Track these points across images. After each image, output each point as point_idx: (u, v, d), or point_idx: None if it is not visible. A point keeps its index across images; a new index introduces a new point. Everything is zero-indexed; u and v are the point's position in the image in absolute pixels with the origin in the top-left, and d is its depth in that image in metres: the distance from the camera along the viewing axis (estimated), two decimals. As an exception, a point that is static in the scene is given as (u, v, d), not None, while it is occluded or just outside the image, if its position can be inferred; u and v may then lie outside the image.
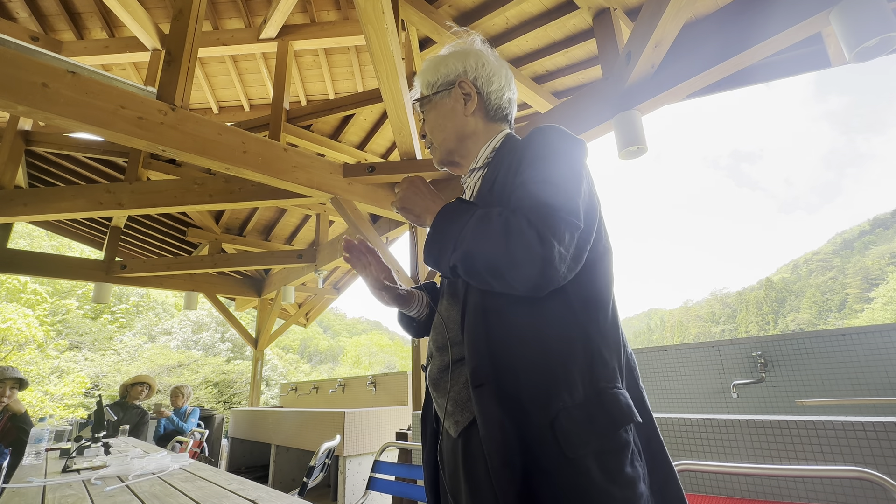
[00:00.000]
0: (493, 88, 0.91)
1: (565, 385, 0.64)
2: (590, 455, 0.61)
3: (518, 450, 0.62)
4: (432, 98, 0.92)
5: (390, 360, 33.17)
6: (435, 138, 0.93)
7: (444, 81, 0.91)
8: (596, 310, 0.70)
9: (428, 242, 0.75)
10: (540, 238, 0.63)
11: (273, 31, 3.42)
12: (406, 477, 2.07)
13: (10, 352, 11.92)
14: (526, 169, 0.73)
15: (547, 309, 0.68)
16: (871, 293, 60.11)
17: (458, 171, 0.95)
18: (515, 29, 3.08)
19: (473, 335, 0.71)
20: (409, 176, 0.86)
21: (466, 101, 0.89)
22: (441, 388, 0.77)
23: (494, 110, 0.91)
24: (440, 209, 0.76)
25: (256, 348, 6.25)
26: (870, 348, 1.84)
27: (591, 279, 0.71)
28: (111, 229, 4.98)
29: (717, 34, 1.92)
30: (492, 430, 0.64)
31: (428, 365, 0.84)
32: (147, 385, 4.27)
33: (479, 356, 0.69)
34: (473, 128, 0.90)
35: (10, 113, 2.93)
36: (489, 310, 0.70)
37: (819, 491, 1.22)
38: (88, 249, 9.22)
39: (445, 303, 0.83)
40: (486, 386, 0.66)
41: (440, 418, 0.79)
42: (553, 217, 0.65)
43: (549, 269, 0.63)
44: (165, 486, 1.54)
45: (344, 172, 3.12)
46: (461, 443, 0.72)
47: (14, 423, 2.95)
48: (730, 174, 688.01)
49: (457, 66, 0.91)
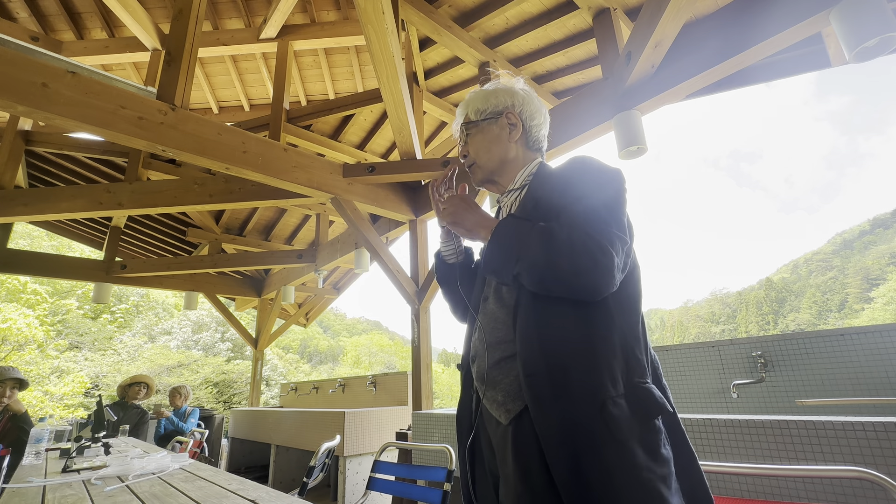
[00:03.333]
0: (534, 122, 1.04)
1: (609, 378, 0.73)
2: (634, 438, 0.70)
3: (570, 432, 0.70)
4: (479, 123, 1.03)
5: (390, 360, 33.16)
6: (479, 159, 1.03)
7: (492, 111, 1.03)
8: (630, 314, 0.80)
9: (488, 253, 0.84)
10: (602, 250, 0.73)
11: (273, 31, 3.42)
12: (406, 477, 2.07)
13: (10, 352, 11.90)
14: (576, 188, 0.84)
15: (591, 312, 0.77)
16: (872, 293, 60.10)
17: (494, 189, 1.07)
18: (515, 29, 3.08)
19: (525, 333, 0.80)
20: (454, 195, 0.97)
21: (511, 130, 1.02)
22: (491, 381, 0.86)
23: (533, 141, 1.04)
24: (497, 224, 0.86)
25: (256, 348, 6.25)
26: (870, 348, 1.84)
27: (626, 287, 0.80)
28: (111, 229, 4.98)
29: (717, 34, 1.92)
30: (547, 415, 0.73)
31: (473, 363, 0.93)
32: (145, 385, 4.27)
33: (530, 351, 0.78)
34: (514, 154, 1.02)
35: (10, 113, 2.93)
36: (540, 311, 0.79)
37: (819, 491, 1.22)
38: (88, 249, 9.23)
39: (493, 305, 0.91)
40: (538, 376, 0.75)
41: (481, 412, 0.90)
42: (609, 233, 0.75)
43: (608, 277, 0.73)
44: (165, 486, 1.54)
45: (344, 172, 3.12)
46: (511, 429, 0.80)
47: (14, 423, 2.95)
48: (730, 174, 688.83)
49: (506, 99, 1.03)
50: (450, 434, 2.47)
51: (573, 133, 2.43)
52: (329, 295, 6.95)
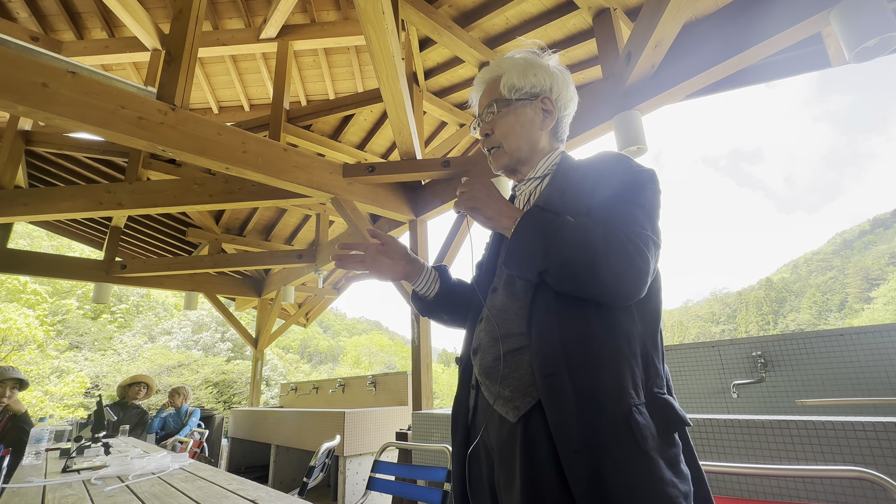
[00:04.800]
0: (566, 112, 0.95)
1: (632, 384, 0.69)
2: (657, 450, 0.66)
3: (591, 438, 0.65)
4: (513, 102, 0.92)
5: (390, 360, 33.14)
6: (508, 143, 0.93)
7: (530, 91, 0.92)
8: (651, 321, 0.76)
9: (513, 247, 0.77)
10: (639, 253, 0.69)
11: (273, 31, 3.42)
12: (406, 477, 2.07)
13: (10, 352, 11.90)
14: (612, 186, 0.78)
15: (616, 315, 0.73)
16: (872, 293, 60.08)
17: (513, 177, 0.98)
18: (515, 29, 3.08)
19: (544, 330, 0.74)
20: (476, 180, 0.86)
21: (545, 117, 0.93)
22: (496, 376, 0.79)
23: (561, 131, 0.96)
24: (523, 215, 0.78)
25: (256, 348, 6.25)
26: (870, 348, 1.84)
27: (651, 294, 0.76)
28: (111, 229, 4.98)
29: (717, 34, 1.92)
30: (566, 417, 0.67)
31: (475, 356, 0.85)
32: (145, 384, 4.27)
33: (550, 348, 0.72)
34: (544, 142, 0.94)
35: (10, 113, 2.92)
36: (563, 310, 0.74)
37: (819, 491, 1.22)
38: (88, 249, 9.22)
39: (502, 296, 0.85)
40: (558, 376, 0.70)
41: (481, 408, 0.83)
42: (646, 236, 0.72)
43: (642, 281, 0.70)
44: (165, 486, 1.54)
45: (344, 172, 3.12)
46: (521, 428, 0.73)
47: (14, 423, 2.95)
48: (730, 174, 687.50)
49: (546, 80, 0.92)
50: (450, 434, 2.47)
51: (573, 133, 2.43)
52: (329, 295, 6.95)
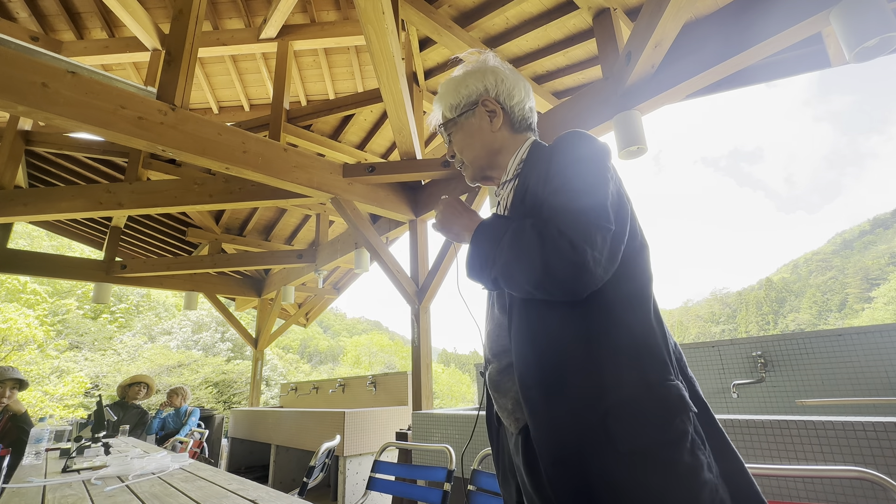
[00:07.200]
0: (514, 102, 0.94)
1: (612, 382, 0.66)
2: (645, 448, 0.63)
3: (570, 447, 0.65)
4: (457, 120, 0.95)
5: (390, 360, 33.13)
6: (466, 157, 0.96)
7: (466, 102, 0.94)
8: (639, 305, 0.72)
9: (469, 258, 0.79)
10: (572, 245, 0.66)
11: (273, 31, 3.42)
12: (406, 477, 2.07)
13: (10, 352, 11.90)
14: (554, 178, 0.76)
15: (587, 311, 0.71)
16: (872, 293, 60.09)
17: (491, 184, 0.99)
18: (515, 29, 3.08)
19: (520, 341, 0.75)
20: (445, 197, 0.91)
21: (492, 118, 0.93)
22: (502, 389, 0.81)
23: (519, 122, 0.95)
24: (477, 226, 0.81)
25: (256, 348, 6.25)
26: (870, 348, 1.84)
27: (630, 276, 0.73)
28: (111, 229, 4.98)
29: (717, 34, 1.92)
30: (541, 430, 0.68)
31: (486, 369, 0.88)
32: (145, 384, 4.27)
33: (525, 360, 0.73)
34: (501, 142, 0.93)
35: (10, 113, 2.92)
36: (532, 316, 0.74)
37: (819, 491, 1.22)
38: (88, 249, 9.21)
39: (497, 311, 0.87)
40: (535, 388, 0.70)
41: (501, 418, 0.85)
42: (584, 222, 0.68)
43: (584, 273, 0.66)
44: (165, 486, 1.54)
45: (344, 172, 3.12)
46: (521, 439, 0.76)
47: (14, 424, 2.95)
48: (730, 174, 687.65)
49: (477, 85, 0.94)
50: (450, 434, 2.47)
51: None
52: (329, 295, 6.95)
